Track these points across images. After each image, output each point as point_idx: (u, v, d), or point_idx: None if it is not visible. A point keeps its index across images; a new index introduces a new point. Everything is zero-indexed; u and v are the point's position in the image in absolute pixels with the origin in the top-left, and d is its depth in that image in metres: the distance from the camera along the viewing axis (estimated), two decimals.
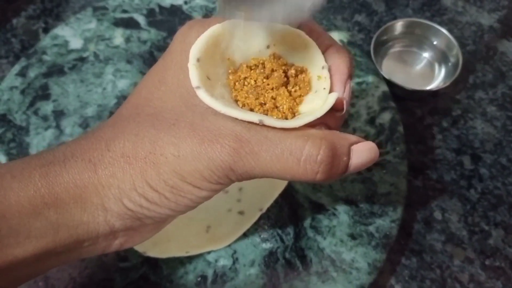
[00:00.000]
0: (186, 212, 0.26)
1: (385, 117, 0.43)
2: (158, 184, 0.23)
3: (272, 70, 0.26)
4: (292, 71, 0.26)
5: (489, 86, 0.49)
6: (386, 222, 0.38)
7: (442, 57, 0.49)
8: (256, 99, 0.25)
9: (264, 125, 0.23)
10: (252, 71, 0.26)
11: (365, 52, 0.47)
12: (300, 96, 0.25)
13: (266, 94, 0.25)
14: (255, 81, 0.25)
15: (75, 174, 0.23)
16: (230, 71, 0.26)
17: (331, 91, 0.25)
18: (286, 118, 0.24)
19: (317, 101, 0.25)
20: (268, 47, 0.26)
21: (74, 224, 0.23)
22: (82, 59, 0.47)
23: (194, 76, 0.23)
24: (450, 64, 0.48)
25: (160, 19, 0.49)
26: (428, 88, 0.48)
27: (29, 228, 0.22)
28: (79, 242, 0.24)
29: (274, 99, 0.25)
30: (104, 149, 0.23)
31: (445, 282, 0.39)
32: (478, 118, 0.47)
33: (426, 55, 0.50)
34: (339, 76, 0.25)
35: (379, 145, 0.41)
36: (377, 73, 0.45)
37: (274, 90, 0.25)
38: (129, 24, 0.49)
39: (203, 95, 0.23)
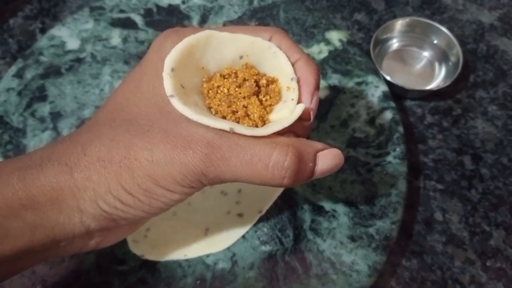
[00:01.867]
0: (159, 214, 0.27)
1: (385, 117, 0.43)
2: (132, 188, 0.24)
3: (244, 80, 0.27)
4: (263, 81, 0.27)
5: (490, 85, 0.49)
6: (386, 224, 0.38)
7: (442, 56, 0.49)
8: (229, 107, 0.26)
9: (234, 133, 0.24)
10: (225, 80, 0.27)
11: (364, 51, 0.47)
12: (270, 105, 0.27)
13: (238, 103, 0.26)
14: (228, 89, 0.26)
15: (52, 177, 0.24)
16: (204, 79, 0.27)
17: (299, 101, 0.26)
18: (257, 126, 0.26)
19: (286, 111, 0.26)
20: (241, 57, 0.28)
21: (50, 225, 0.24)
22: (79, 60, 0.47)
23: (168, 85, 0.25)
24: (450, 63, 0.48)
25: (158, 19, 0.49)
26: (428, 87, 0.48)
27: (7, 228, 0.23)
28: (56, 242, 0.25)
29: (246, 107, 0.26)
30: (80, 153, 0.25)
31: (446, 283, 0.39)
32: (479, 117, 0.47)
33: (426, 54, 0.50)
34: (306, 87, 0.27)
35: (379, 146, 0.41)
36: (376, 73, 0.45)
37: (246, 99, 0.26)
38: (127, 24, 0.49)
39: (177, 103, 0.24)
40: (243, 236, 0.38)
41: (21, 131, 0.43)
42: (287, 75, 0.27)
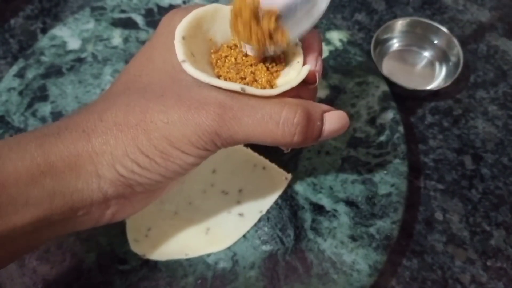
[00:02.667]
0: (175, 178, 0.27)
1: (386, 117, 0.43)
2: (148, 150, 0.25)
3: None
4: None
5: (490, 85, 0.49)
6: (387, 224, 0.38)
7: (442, 56, 0.49)
8: (237, 73, 0.27)
9: (245, 94, 0.25)
10: (232, 50, 0.28)
11: (365, 52, 0.47)
12: (277, 71, 0.28)
13: (245, 70, 0.27)
14: (235, 58, 0.27)
15: (70, 143, 0.24)
16: (212, 50, 0.28)
17: (304, 65, 0.27)
18: None
19: (292, 73, 0.27)
20: None
21: (69, 191, 0.24)
22: (80, 60, 0.47)
23: (180, 51, 0.26)
24: (450, 63, 0.48)
25: (159, 19, 0.49)
26: (429, 87, 0.48)
27: (27, 196, 0.23)
28: (74, 210, 0.25)
29: (253, 73, 0.27)
30: (97, 120, 0.25)
31: (446, 283, 0.39)
32: (479, 117, 0.47)
33: (426, 54, 0.50)
34: (311, 52, 0.28)
35: (380, 146, 0.41)
36: (377, 73, 0.45)
37: (253, 66, 0.27)
38: (128, 24, 0.49)
39: (189, 68, 0.25)
40: (244, 236, 0.38)
41: (22, 131, 0.43)
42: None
